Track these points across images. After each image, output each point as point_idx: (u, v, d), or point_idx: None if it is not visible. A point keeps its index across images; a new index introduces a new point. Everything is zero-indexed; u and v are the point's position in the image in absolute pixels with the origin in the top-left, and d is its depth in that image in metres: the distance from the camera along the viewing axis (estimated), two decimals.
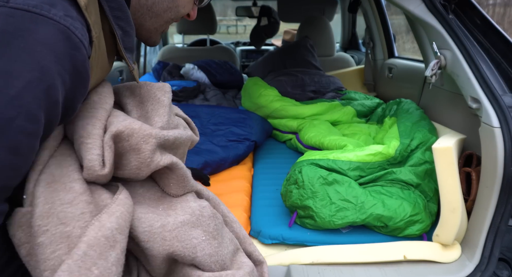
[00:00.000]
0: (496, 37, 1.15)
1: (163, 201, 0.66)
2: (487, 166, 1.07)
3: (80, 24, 0.52)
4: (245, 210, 1.33)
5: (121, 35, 0.63)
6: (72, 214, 0.51)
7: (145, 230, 0.59)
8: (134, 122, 0.60)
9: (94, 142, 0.56)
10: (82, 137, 0.57)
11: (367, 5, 2.61)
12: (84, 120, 0.59)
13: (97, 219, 0.52)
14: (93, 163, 0.55)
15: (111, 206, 0.55)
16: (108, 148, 0.57)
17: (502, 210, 1.04)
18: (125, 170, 0.61)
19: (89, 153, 0.55)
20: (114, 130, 0.57)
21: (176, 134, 0.65)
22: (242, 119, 1.91)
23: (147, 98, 0.71)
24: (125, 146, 0.59)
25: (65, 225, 0.50)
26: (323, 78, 2.48)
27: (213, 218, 0.67)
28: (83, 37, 0.51)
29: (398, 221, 1.17)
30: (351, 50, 3.73)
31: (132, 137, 0.59)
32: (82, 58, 0.52)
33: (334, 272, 1.08)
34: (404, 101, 1.81)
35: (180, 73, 2.64)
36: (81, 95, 0.56)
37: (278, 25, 3.41)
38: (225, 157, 1.61)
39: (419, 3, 1.24)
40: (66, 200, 0.52)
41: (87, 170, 0.55)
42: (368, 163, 1.35)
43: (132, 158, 0.59)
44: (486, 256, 1.07)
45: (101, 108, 0.61)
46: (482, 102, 1.08)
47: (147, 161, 0.60)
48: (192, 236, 0.62)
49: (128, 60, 0.67)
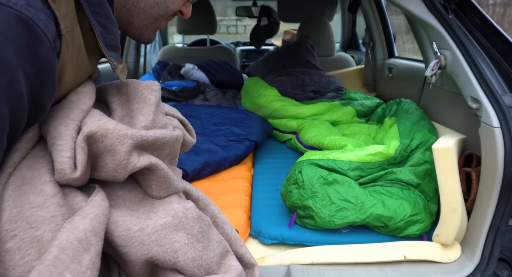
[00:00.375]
0: (496, 37, 1.15)
1: (145, 203, 0.64)
2: (487, 166, 1.07)
3: (45, 15, 0.49)
4: (245, 210, 1.33)
5: (101, 31, 0.60)
6: (42, 218, 0.49)
7: (122, 234, 0.56)
8: (109, 122, 0.57)
9: (66, 143, 0.54)
10: (53, 138, 0.54)
11: (367, 5, 2.61)
12: (57, 121, 0.56)
13: (69, 221, 0.50)
14: (64, 166, 0.52)
15: (85, 208, 0.52)
16: (80, 150, 0.54)
17: (502, 210, 1.04)
18: (101, 172, 0.58)
19: (60, 155, 0.53)
20: (87, 131, 0.54)
21: (157, 134, 0.62)
22: (242, 119, 1.91)
23: (133, 96, 0.68)
24: (100, 147, 0.56)
25: (35, 229, 0.48)
26: (323, 78, 2.48)
27: (198, 220, 0.64)
28: (47, 29, 0.49)
29: (398, 221, 1.17)
30: (351, 50, 3.73)
31: (107, 138, 0.56)
32: (46, 51, 0.49)
33: (334, 272, 1.08)
34: (404, 101, 1.81)
35: (180, 73, 2.64)
36: (49, 92, 0.53)
37: (278, 25, 3.42)
38: (225, 157, 1.61)
39: (419, 3, 1.24)
40: (37, 203, 0.49)
41: (58, 173, 0.53)
42: (368, 163, 1.35)
43: (108, 159, 0.57)
44: (486, 256, 1.07)
45: (77, 109, 0.59)
46: (482, 102, 1.08)
47: (123, 163, 0.57)
48: (174, 239, 0.59)
49: (109, 58, 0.64)
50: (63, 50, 0.54)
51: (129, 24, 0.70)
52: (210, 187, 1.49)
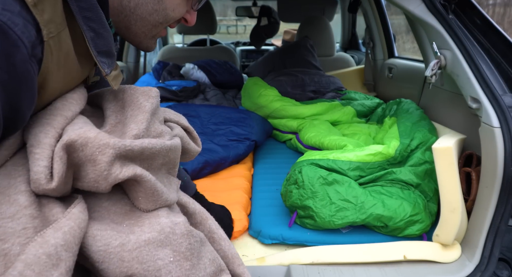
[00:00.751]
0: (496, 37, 1.15)
1: (131, 216, 0.60)
2: (487, 166, 1.07)
3: (23, 20, 0.47)
4: (243, 207, 1.33)
5: (92, 37, 0.58)
6: (12, 230, 0.46)
7: (99, 249, 0.53)
8: (90, 131, 0.54)
9: (43, 151, 0.51)
10: (31, 146, 0.51)
11: (367, 5, 2.61)
12: (38, 128, 0.53)
13: (40, 234, 0.47)
14: (39, 176, 0.50)
15: (60, 221, 0.49)
16: (58, 159, 0.51)
17: (502, 210, 1.04)
18: (83, 182, 0.55)
19: (35, 164, 0.50)
20: (66, 140, 0.52)
21: (144, 144, 0.58)
22: (243, 119, 1.91)
23: (129, 103, 0.65)
24: (80, 156, 0.53)
25: (3, 241, 0.45)
26: (323, 78, 2.48)
27: (188, 236, 0.60)
28: (24, 35, 0.46)
29: (398, 221, 1.17)
30: (351, 50, 3.73)
31: (87, 147, 0.53)
32: (22, 57, 0.46)
33: (334, 272, 1.08)
34: (404, 101, 1.81)
35: (180, 73, 2.64)
36: (28, 99, 0.50)
37: (278, 25, 3.41)
38: (225, 156, 1.61)
39: (419, 3, 1.24)
40: (8, 213, 0.47)
41: (33, 183, 0.50)
42: (368, 163, 1.35)
43: (88, 169, 0.54)
44: (486, 256, 1.07)
45: (60, 115, 0.55)
46: (482, 102, 1.08)
47: (104, 174, 0.54)
48: (157, 256, 0.55)
49: (100, 64, 0.60)
50: (46, 56, 0.52)
51: (127, 30, 0.69)
52: (209, 185, 1.49)
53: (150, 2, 0.66)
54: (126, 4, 0.65)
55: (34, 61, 0.49)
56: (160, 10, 0.68)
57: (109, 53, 0.63)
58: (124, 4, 0.65)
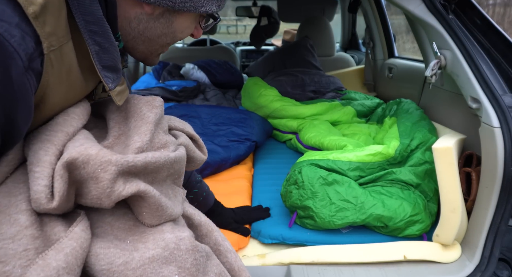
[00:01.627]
0: (496, 37, 1.15)
1: (135, 231, 0.59)
2: (487, 166, 1.07)
3: (20, 32, 0.46)
4: None
5: (96, 51, 0.57)
6: (13, 251, 0.45)
7: (103, 268, 0.51)
8: (91, 148, 0.52)
9: (43, 170, 0.49)
10: (31, 164, 0.50)
11: (367, 5, 2.61)
12: (38, 144, 0.52)
13: (41, 257, 0.46)
14: (39, 195, 0.48)
15: (62, 241, 0.48)
16: (59, 178, 0.49)
17: (502, 210, 1.04)
18: (86, 199, 0.54)
19: (35, 183, 0.48)
20: (67, 157, 0.50)
21: (148, 158, 0.57)
22: (243, 120, 1.91)
23: (132, 113, 0.64)
24: (82, 173, 0.52)
25: (4, 264, 0.44)
26: (323, 78, 2.48)
27: (193, 251, 0.59)
28: (20, 47, 0.45)
29: (398, 221, 1.17)
30: (351, 50, 3.73)
31: (88, 165, 0.51)
32: (17, 70, 0.45)
33: (334, 272, 1.08)
34: (404, 101, 1.81)
35: (180, 73, 2.64)
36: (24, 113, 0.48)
37: (278, 25, 3.41)
38: (226, 157, 1.61)
39: (419, 3, 1.24)
40: (9, 234, 0.45)
41: (33, 202, 0.49)
42: (368, 163, 1.35)
43: (91, 187, 0.52)
44: (486, 256, 1.07)
45: (61, 132, 0.54)
46: (482, 102, 1.08)
47: (107, 191, 0.52)
48: (162, 274, 0.54)
49: (104, 79, 0.59)
50: (46, 70, 0.50)
51: (134, 49, 0.69)
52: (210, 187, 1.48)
53: (159, 27, 0.66)
54: (135, 26, 0.65)
55: (32, 75, 0.48)
56: (169, 33, 0.68)
57: (114, 68, 0.61)
58: (133, 26, 0.65)
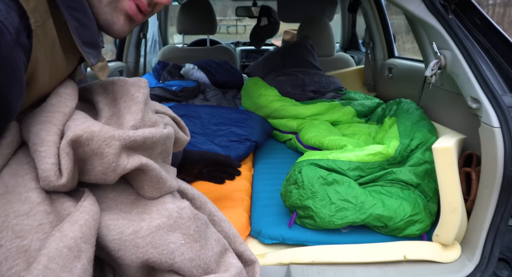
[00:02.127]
0: (496, 37, 1.15)
1: (138, 204, 0.62)
2: (487, 166, 1.07)
3: (5, 6, 0.45)
4: (245, 209, 1.33)
5: (76, 26, 0.57)
6: (29, 226, 0.47)
7: (114, 238, 0.54)
8: (94, 125, 0.54)
9: (48, 149, 0.51)
10: (35, 145, 0.52)
11: (367, 5, 2.61)
12: (38, 126, 0.53)
13: (58, 229, 0.48)
14: (48, 173, 0.50)
15: (74, 214, 0.51)
16: (65, 155, 0.51)
17: (502, 210, 1.04)
18: (90, 175, 0.56)
19: (43, 162, 0.51)
20: (71, 135, 0.52)
21: (146, 134, 0.60)
22: (243, 120, 1.91)
23: (120, 95, 0.66)
24: (86, 150, 0.54)
25: (22, 238, 0.46)
26: (323, 78, 2.48)
27: (194, 219, 0.63)
28: (8, 21, 0.45)
29: (398, 221, 1.17)
30: (351, 50, 3.73)
31: (93, 141, 0.53)
32: (6, 44, 0.45)
33: (334, 272, 1.08)
34: (404, 101, 1.81)
35: (180, 73, 2.64)
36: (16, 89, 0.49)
37: (278, 25, 3.41)
38: None
39: (419, 3, 1.24)
40: (22, 211, 0.48)
41: (43, 181, 0.51)
42: (368, 162, 1.35)
43: (96, 163, 0.55)
44: (486, 256, 1.07)
45: (58, 112, 0.56)
46: (482, 102, 1.08)
47: (112, 165, 0.55)
48: (169, 240, 0.58)
49: (85, 54, 0.60)
50: (35, 46, 0.51)
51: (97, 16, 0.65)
52: (210, 187, 1.49)
53: None
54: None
55: (20, 49, 0.48)
56: None
57: (94, 44, 0.62)
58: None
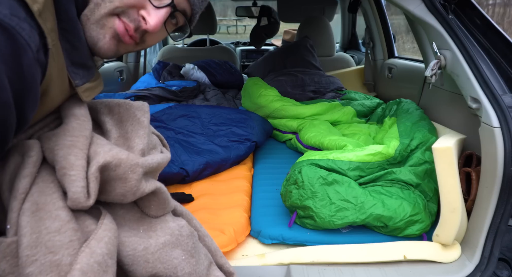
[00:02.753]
0: (496, 37, 1.15)
1: (143, 222, 0.66)
2: (487, 166, 1.07)
3: (28, 26, 0.49)
4: (245, 210, 1.33)
5: (66, 48, 0.60)
6: (60, 242, 0.50)
7: (129, 253, 0.59)
8: (121, 152, 0.59)
9: (78, 173, 0.55)
10: (64, 169, 0.55)
11: (367, 5, 2.61)
12: (65, 150, 0.57)
13: (86, 245, 0.52)
14: (78, 195, 0.54)
15: (98, 232, 0.55)
16: (94, 179, 0.56)
17: (502, 210, 1.04)
18: (109, 196, 0.60)
19: (73, 185, 0.54)
20: (102, 161, 0.57)
21: (159, 160, 0.66)
22: (243, 120, 1.91)
23: (126, 117, 0.70)
24: (112, 175, 0.58)
25: (54, 253, 0.49)
26: (323, 78, 2.48)
27: (191, 236, 0.69)
28: (31, 40, 0.49)
29: (398, 221, 1.17)
30: (351, 50, 3.73)
31: (120, 168, 0.58)
32: (28, 61, 0.48)
33: (334, 272, 1.08)
34: (404, 101, 1.81)
35: (180, 73, 2.64)
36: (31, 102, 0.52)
37: (278, 25, 3.41)
38: (226, 157, 1.61)
39: (419, 3, 1.24)
40: (53, 228, 0.51)
41: (72, 202, 0.54)
42: (368, 163, 1.35)
43: (117, 186, 0.59)
44: (486, 256, 1.07)
45: (81, 136, 0.60)
46: (482, 102, 1.08)
47: (133, 190, 0.60)
48: (173, 256, 0.63)
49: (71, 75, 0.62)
50: (50, 63, 0.54)
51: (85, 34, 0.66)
52: (210, 187, 1.49)
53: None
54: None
55: (38, 66, 0.51)
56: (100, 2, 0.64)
57: (84, 65, 0.64)
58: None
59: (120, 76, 2.65)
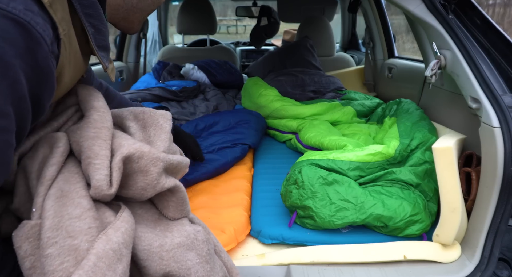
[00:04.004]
0: (496, 37, 1.15)
1: (160, 223, 0.68)
2: (487, 166, 1.07)
3: (42, 19, 0.51)
4: (245, 209, 1.33)
5: (93, 33, 0.63)
6: (80, 228, 0.53)
7: (144, 248, 0.60)
8: (144, 146, 0.63)
9: (102, 162, 0.59)
10: (89, 158, 0.59)
11: (367, 5, 2.61)
12: (89, 141, 0.61)
13: (103, 233, 0.54)
14: (101, 183, 0.58)
15: (116, 222, 0.57)
16: (117, 169, 0.59)
17: (502, 210, 1.04)
18: (130, 190, 0.63)
19: (97, 173, 0.58)
20: (125, 153, 0.60)
21: (178, 159, 0.68)
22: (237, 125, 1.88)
23: (150, 123, 0.73)
24: (134, 167, 0.61)
25: (73, 238, 0.52)
26: (323, 78, 2.48)
27: (207, 242, 0.69)
28: (45, 33, 0.50)
29: (398, 221, 1.17)
30: (351, 50, 3.73)
31: (142, 160, 0.61)
32: (44, 54, 0.51)
33: (334, 272, 1.08)
34: (404, 101, 1.81)
35: (180, 73, 2.64)
36: (48, 93, 0.55)
37: (278, 25, 3.41)
38: (224, 162, 1.59)
39: (419, 3, 1.24)
40: (75, 214, 0.54)
41: (95, 189, 0.57)
42: (368, 162, 1.35)
43: (139, 179, 0.62)
44: (486, 256, 1.07)
45: (104, 128, 0.64)
46: (482, 102, 1.08)
47: (154, 183, 0.62)
48: (187, 258, 0.64)
49: (101, 59, 0.67)
50: (62, 53, 0.56)
51: (124, 20, 0.73)
52: (210, 187, 1.49)
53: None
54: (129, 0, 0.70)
55: (53, 57, 0.54)
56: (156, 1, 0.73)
57: (105, 48, 0.68)
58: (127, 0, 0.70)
59: (120, 76, 2.65)
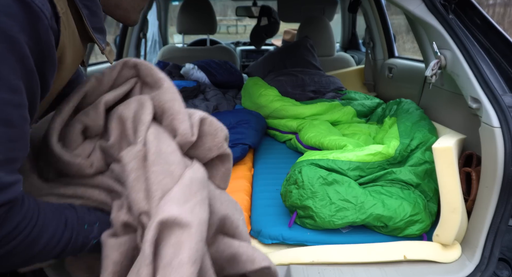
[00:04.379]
0: (496, 37, 1.15)
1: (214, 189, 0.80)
2: (487, 166, 1.07)
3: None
4: (245, 209, 1.33)
5: (87, 14, 0.63)
6: (173, 159, 0.64)
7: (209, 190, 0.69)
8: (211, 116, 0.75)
9: (184, 117, 0.70)
10: (172, 115, 0.70)
11: (367, 5, 2.61)
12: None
13: (191, 166, 0.66)
14: (187, 131, 0.69)
15: (196, 164, 0.68)
16: (197, 125, 0.71)
17: (502, 210, 1.04)
18: (197, 150, 0.73)
19: (183, 124, 0.69)
20: (201, 115, 0.72)
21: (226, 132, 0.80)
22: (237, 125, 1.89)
23: None
24: (205, 129, 0.72)
25: (170, 165, 0.63)
26: (323, 78, 2.48)
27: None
28: (44, 7, 0.51)
29: (398, 221, 1.17)
30: (351, 50, 3.73)
31: (212, 124, 0.73)
32: (44, 27, 0.52)
33: (334, 272, 1.08)
34: (404, 101, 1.81)
35: (180, 73, 2.64)
36: (50, 67, 0.56)
37: (278, 25, 3.41)
38: None
39: (419, 3, 1.24)
40: (169, 150, 0.65)
41: (181, 136, 0.68)
42: (368, 162, 1.35)
43: (207, 140, 0.73)
44: (486, 256, 1.07)
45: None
46: (482, 102, 1.08)
47: (219, 145, 0.73)
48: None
49: (97, 41, 0.68)
50: (62, 31, 0.57)
51: (117, 7, 0.72)
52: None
53: None
54: None
55: (52, 33, 0.54)
56: None
57: (101, 30, 0.69)
58: None
59: None
